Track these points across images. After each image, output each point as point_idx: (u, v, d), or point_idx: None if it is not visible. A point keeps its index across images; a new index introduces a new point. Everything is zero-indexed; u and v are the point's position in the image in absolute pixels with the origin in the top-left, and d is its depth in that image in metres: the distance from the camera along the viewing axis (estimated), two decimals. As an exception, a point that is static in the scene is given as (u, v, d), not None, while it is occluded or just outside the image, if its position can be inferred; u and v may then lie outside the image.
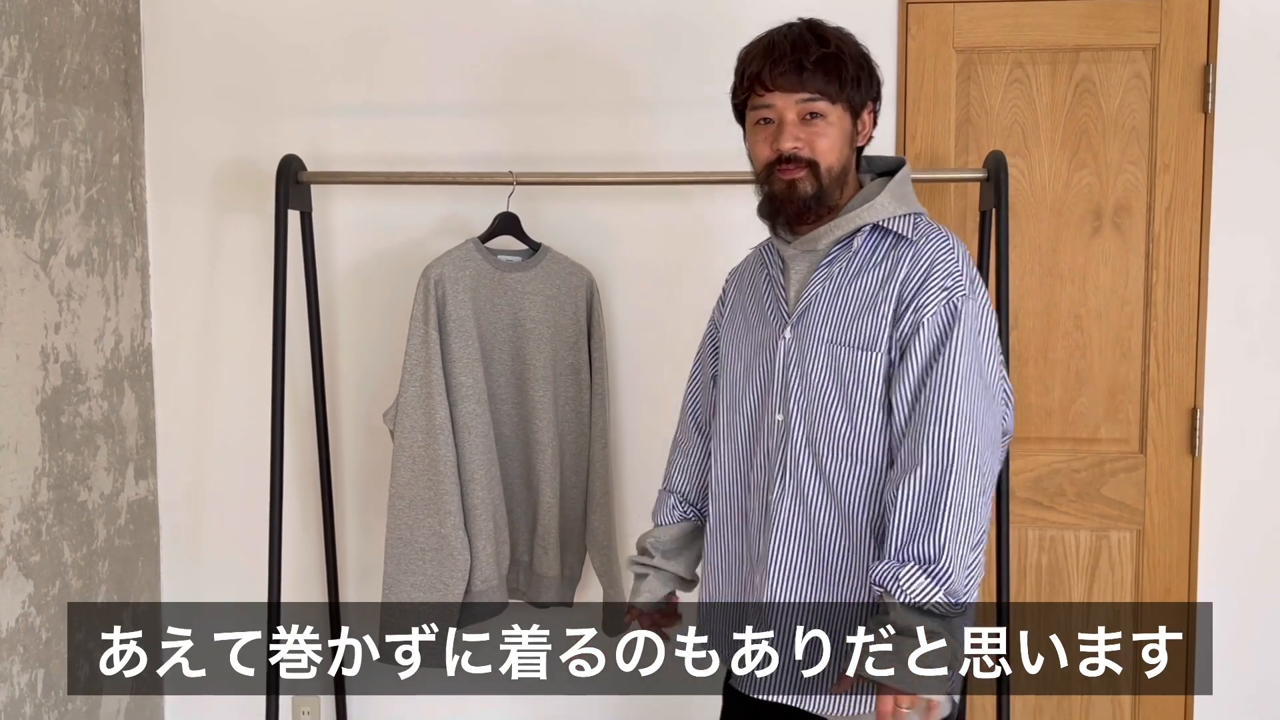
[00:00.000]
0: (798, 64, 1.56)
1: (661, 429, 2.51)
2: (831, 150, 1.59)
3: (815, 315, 1.62)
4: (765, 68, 1.58)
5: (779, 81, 1.57)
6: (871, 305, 1.58)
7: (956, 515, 1.48)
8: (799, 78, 1.57)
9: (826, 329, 1.60)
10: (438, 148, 2.49)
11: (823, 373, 1.60)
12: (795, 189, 1.59)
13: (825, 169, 1.59)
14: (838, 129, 1.59)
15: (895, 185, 1.64)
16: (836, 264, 1.62)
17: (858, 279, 1.60)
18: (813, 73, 1.56)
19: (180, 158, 2.54)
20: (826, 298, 1.62)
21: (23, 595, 2.14)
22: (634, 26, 2.46)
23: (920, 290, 1.55)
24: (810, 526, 1.60)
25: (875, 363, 1.57)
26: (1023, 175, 2.44)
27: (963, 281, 1.56)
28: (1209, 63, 2.38)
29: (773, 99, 1.59)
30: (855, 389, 1.58)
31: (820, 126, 1.58)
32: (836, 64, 1.57)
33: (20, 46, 2.12)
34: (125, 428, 2.48)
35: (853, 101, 1.60)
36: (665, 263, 2.49)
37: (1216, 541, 2.46)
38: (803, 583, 1.61)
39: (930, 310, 1.54)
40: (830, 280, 1.62)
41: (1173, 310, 2.43)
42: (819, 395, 1.60)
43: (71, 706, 2.30)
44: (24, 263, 2.14)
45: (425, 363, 2.21)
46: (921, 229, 1.61)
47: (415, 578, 2.21)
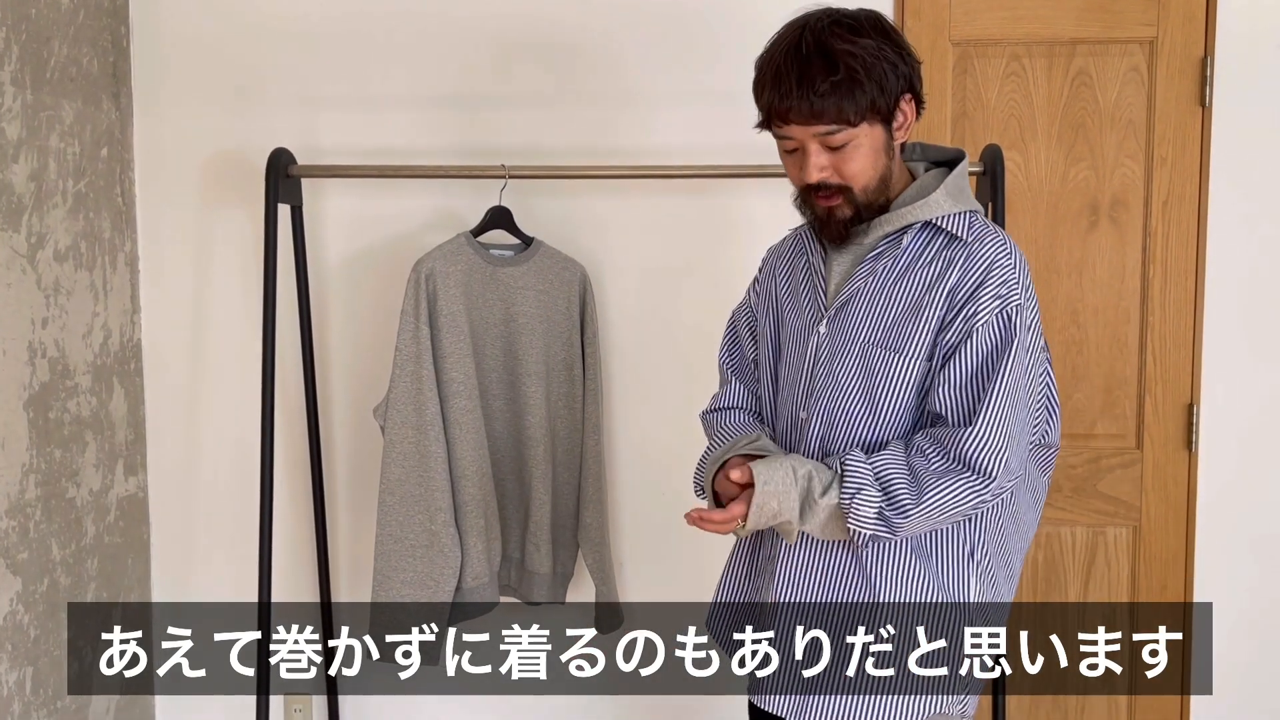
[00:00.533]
0: (806, 99, 1.45)
1: (655, 424, 2.51)
2: (863, 172, 1.50)
3: (854, 312, 1.55)
4: (777, 101, 1.48)
5: (791, 116, 1.48)
6: (916, 308, 1.51)
7: (940, 501, 1.45)
8: (811, 111, 1.46)
9: (864, 328, 1.54)
10: (429, 141, 2.47)
11: (852, 373, 1.54)
12: (833, 215, 1.53)
13: (860, 189, 1.51)
14: (866, 147, 1.49)
15: (953, 181, 1.55)
16: (883, 260, 1.55)
17: (904, 278, 1.53)
18: (824, 102, 1.45)
19: (169, 151, 2.52)
20: (868, 295, 1.55)
21: (10, 593, 2.12)
22: (627, 19, 2.44)
23: (973, 297, 1.48)
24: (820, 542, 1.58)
25: (910, 367, 1.51)
26: (1019, 169, 2.42)
27: (1018, 290, 1.48)
28: (1206, 56, 2.37)
29: (791, 131, 1.50)
30: (883, 393, 1.53)
31: (846, 152, 1.49)
32: (849, 88, 1.45)
33: (7, 39, 2.10)
34: (114, 424, 2.46)
35: (879, 111, 1.48)
36: (659, 257, 2.48)
37: (1213, 537, 2.45)
38: (806, 585, 1.58)
39: (982, 319, 1.47)
40: (874, 277, 1.55)
41: (1169, 305, 2.42)
42: (843, 396, 1.55)
43: (61, 705, 2.28)
44: (10, 257, 2.12)
45: (416, 358, 2.19)
46: (977, 230, 1.53)
47: (406, 574, 2.20)
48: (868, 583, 1.55)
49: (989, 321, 1.47)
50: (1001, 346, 1.47)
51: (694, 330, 2.45)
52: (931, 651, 1.53)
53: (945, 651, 1.53)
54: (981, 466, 1.45)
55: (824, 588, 1.57)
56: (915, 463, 1.47)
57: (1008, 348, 1.47)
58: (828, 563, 1.57)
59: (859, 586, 1.55)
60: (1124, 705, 2.49)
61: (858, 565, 1.56)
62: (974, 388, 1.47)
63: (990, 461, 1.45)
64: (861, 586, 1.55)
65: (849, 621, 1.55)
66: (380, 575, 2.21)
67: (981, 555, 1.56)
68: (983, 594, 1.56)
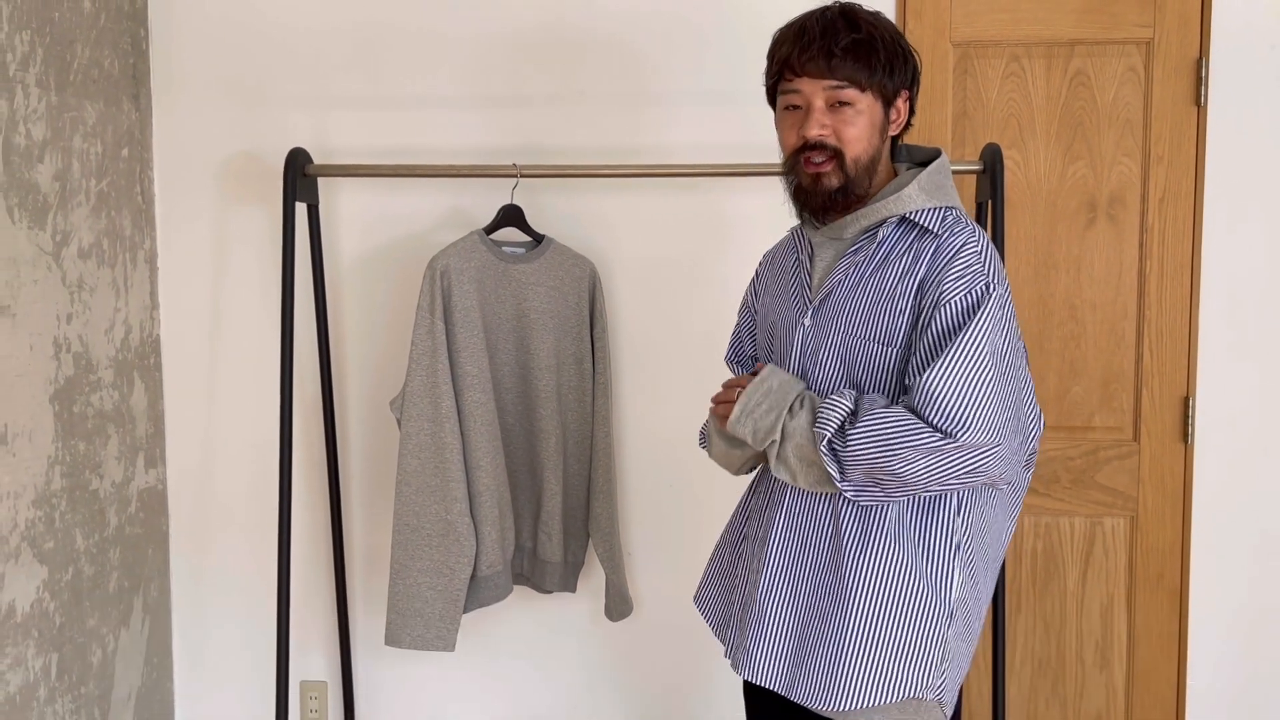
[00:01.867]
0: (827, 50, 1.52)
1: (663, 417, 2.56)
2: (859, 139, 1.55)
3: (834, 305, 1.61)
4: (795, 52, 1.54)
5: (807, 67, 1.53)
6: (890, 299, 1.55)
7: (896, 426, 1.46)
8: (828, 64, 1.52)
9: (843, 319, 1.59)
10: (441, 140, 2.52)
11: (834, 364, 1.59)
12: (820, 183, 1.57)
13: (852, 159, 1.55)
14: (867, 118, 1.55)
15: (927, 177, 1.59)
16: (860, 254, 1.60)
17: (880, 271, 1.58)
18: (842, 59, 1.52)
19: (187, 151, 2.57)
20: (847, 288, 1.60)
21: (37, 581, 2.18)
22: (637, 18, 2.49)
23: (940, 280, 1.51)
24: (808, 515, 1.63)
25: (890, 357, 1.55)
26: (1018, 167, 2.47)
27: (985, 273, 1.51)
28: (1202, 57, 2.42)
29: (801, 84, 1.55)
30: (866, 381, 1.57)
31: (848, 114, 1.54)
32: (868, 50, 1.53)
33: (32, 42, 2.15)
34: (135, 417, 2.51)
35: (884, 89, 1.55)
36: (667, 254, 2.53)
37: (1208, 528, 2.50)
38: (794, 572, 1.63)
39: (952, 295, 1.50)
40: (853, 270, 1.60)
41: (1166, 300, 2.47)
42: (829, 386, 1.60)
43: (85, 690, 2.34)
44: (37, 254, 2.18)
45: (432, 352, 2.24)
46: (949, 224, 1.57)
47: (422, 562, 2.25)
48: (853, 565, 1.57)
49: (955, 297, 1.50)
50: (969, 312, 1.48)
51: (700, 325, 2.50)
52: (912, 636, 1.56)
53: (926, 637, 1.56)
54: (931, 418, 1.45)
55: (809, 568, 1.61)
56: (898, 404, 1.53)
57: (974, 312, 1.48)
58: (814, 544, 1.62)
59: (844, 568, 1.58)
60: (1121, 689, 2.55)
61: (841, 548, 1.58)
62: (933, 349, 1.49)
63: (943, 417, 1.44)
64: (846, 567, 1.57)
65: (834, 601, 1.58)
66: (398, 563, 2.27)
67: (965, 549, 1.58)
68: (962, 589, 1.58)
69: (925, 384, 1.46)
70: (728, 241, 2.51)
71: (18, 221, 2.12)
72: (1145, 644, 2.53)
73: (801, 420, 1.55)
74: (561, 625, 2.62)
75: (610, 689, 2.62)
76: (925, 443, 1.45)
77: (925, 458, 1.46)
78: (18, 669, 2.13)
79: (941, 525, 1.57)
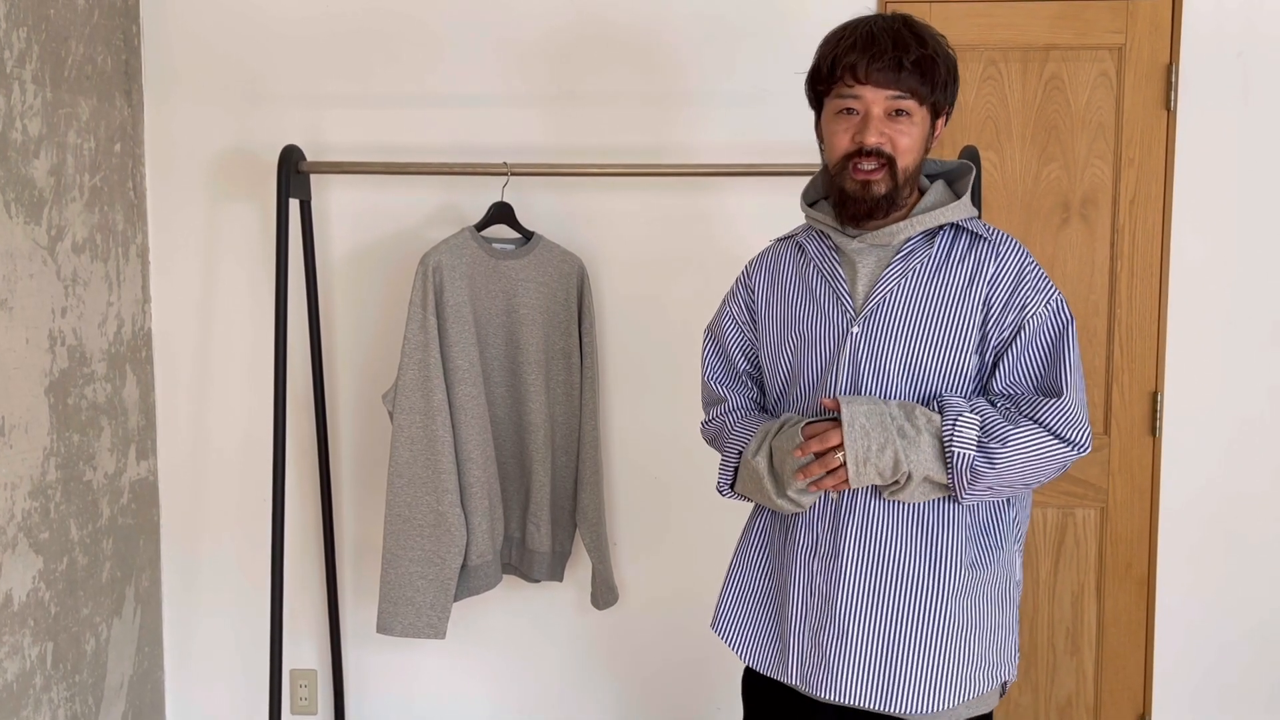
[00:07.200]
0: (897, 62, 1.54)
1: (648, 411, 2.60)
2: (911, 149, 1.58)
3: (890, 311, 1.59)
4: (863, 60, 1.55)
5: (874, 76, 1.55)
6: (957, 303, 1.58)
7: (1031, 442, 1.53)
8: (896, 75, 1.54)
9: (904, 325, 1.58)
10: (433, 138, 2.55)
11: (897, 369, 1.58)
12: (869, 189, 1.58)
13: (902, 168, 1.58)
14: (920, 129, 1.59)
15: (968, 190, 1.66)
16: (914, 259, 1.60)
17: (937, 277, 1.60)
18: (910, 72, 1.54)
19: (178, 146, 2.60)
20: (904, 293, 1.60)
21: (33, 570, 2.21)
22: (626, 20, 2.52)
23: (1016, 292, 1.57)
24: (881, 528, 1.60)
25: (961, 360, 1.58)
26: (995, 168, 2.54)
27: (1049, 281, 1.61)
28: (1172, 63, 2.49)
29: (862, 91, 1.56)
30: (939, 386, 1.58)
31: (904, 125, 1.57)
32: (932, 66, 1.56)
33: (28, 38, 2.17)
34: (127, 409, 2.54)
35: (937, 104, 1.60)
36: (653, 251, 2.57)
37: (1175, 518, 2.57)
38: (876, 586, 1.59)
39: (1033, 310, 1.57)
40: (909, 276, 1.60)
41: (1135, 298, 2.55)
42: (894, 393, 1.58)
43: (79, 678, 2.37)
44: (32, 249, 2.20)
45: (423, 346, 2.28)
46: (993, 230, 1.64)
47: (414, 552, 2.29)
48: (935, 569, 1.58)
49: (1040, 312, 1.57)
50: (1060, 330, 1.58)
51: (685, 321, 2.55)
52: (996, 624, 1.62)
53: (1006, 623, 1.64)
54: (1069, 435, 1.54)
55: (890, 579, 1.59)
56: (1001, 408, 1.57)
57: (1066, 330, 1.58)
58: (891, 555, 1.59)
59: (927, 573, 1.59)
60: (1090, 673, 2.63)
61: (922, 555, 1.58)
62: (1044, 367, 1.57)
63: (1077, 432, 1.55)
64: (930, 573, 1.58)
65: (923, 606, 1.58)
66: (389, 553, 2.31)
67: (1019, 535, 1.67)
68: (1020, 570, 1.68)
69: (1063, 406, 1.54)
70: (713, 239, 2.55)
71: (14, 216, 2.15)
72: (1114, 630, 2.61)
73: (924, 450, 1.52)
74: (549, 613, 2.67)
75: (596, 675, 2.67)
76: (1061, 456, 1.55)
77: (1058, 470, 1.57)
78: (15, 657, 2.16)
79: (1003, 517, 1.64)
